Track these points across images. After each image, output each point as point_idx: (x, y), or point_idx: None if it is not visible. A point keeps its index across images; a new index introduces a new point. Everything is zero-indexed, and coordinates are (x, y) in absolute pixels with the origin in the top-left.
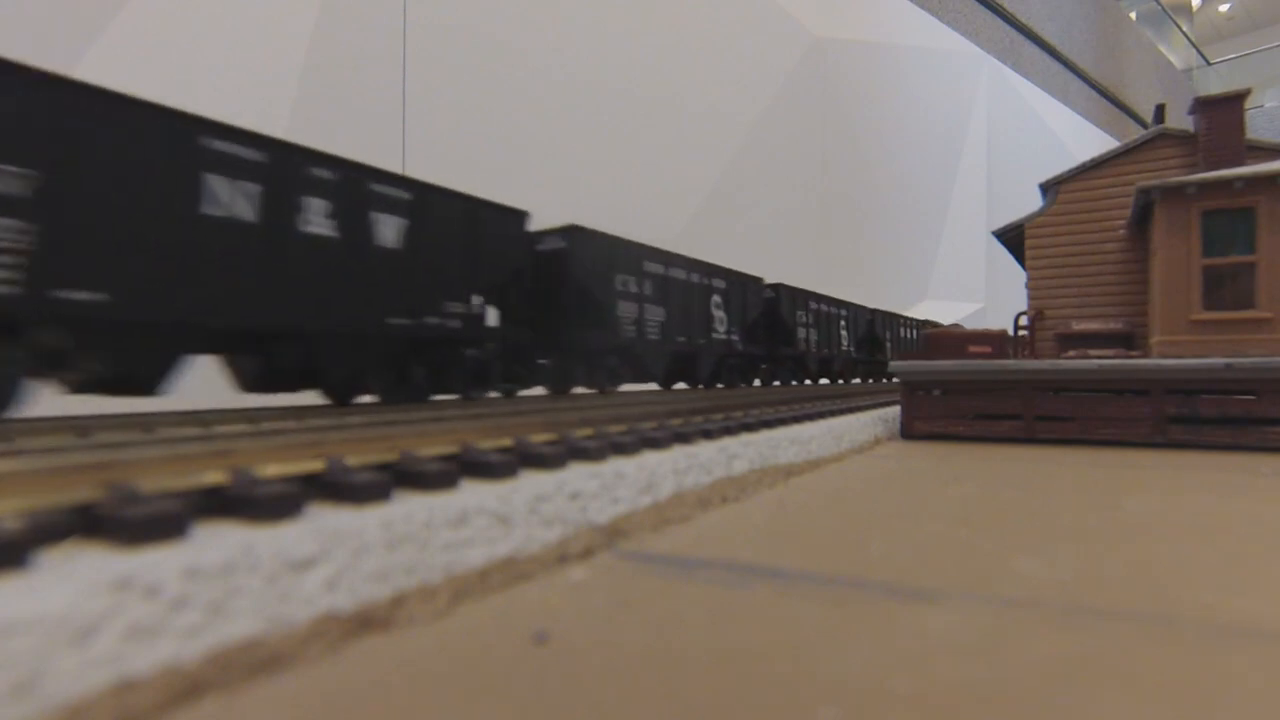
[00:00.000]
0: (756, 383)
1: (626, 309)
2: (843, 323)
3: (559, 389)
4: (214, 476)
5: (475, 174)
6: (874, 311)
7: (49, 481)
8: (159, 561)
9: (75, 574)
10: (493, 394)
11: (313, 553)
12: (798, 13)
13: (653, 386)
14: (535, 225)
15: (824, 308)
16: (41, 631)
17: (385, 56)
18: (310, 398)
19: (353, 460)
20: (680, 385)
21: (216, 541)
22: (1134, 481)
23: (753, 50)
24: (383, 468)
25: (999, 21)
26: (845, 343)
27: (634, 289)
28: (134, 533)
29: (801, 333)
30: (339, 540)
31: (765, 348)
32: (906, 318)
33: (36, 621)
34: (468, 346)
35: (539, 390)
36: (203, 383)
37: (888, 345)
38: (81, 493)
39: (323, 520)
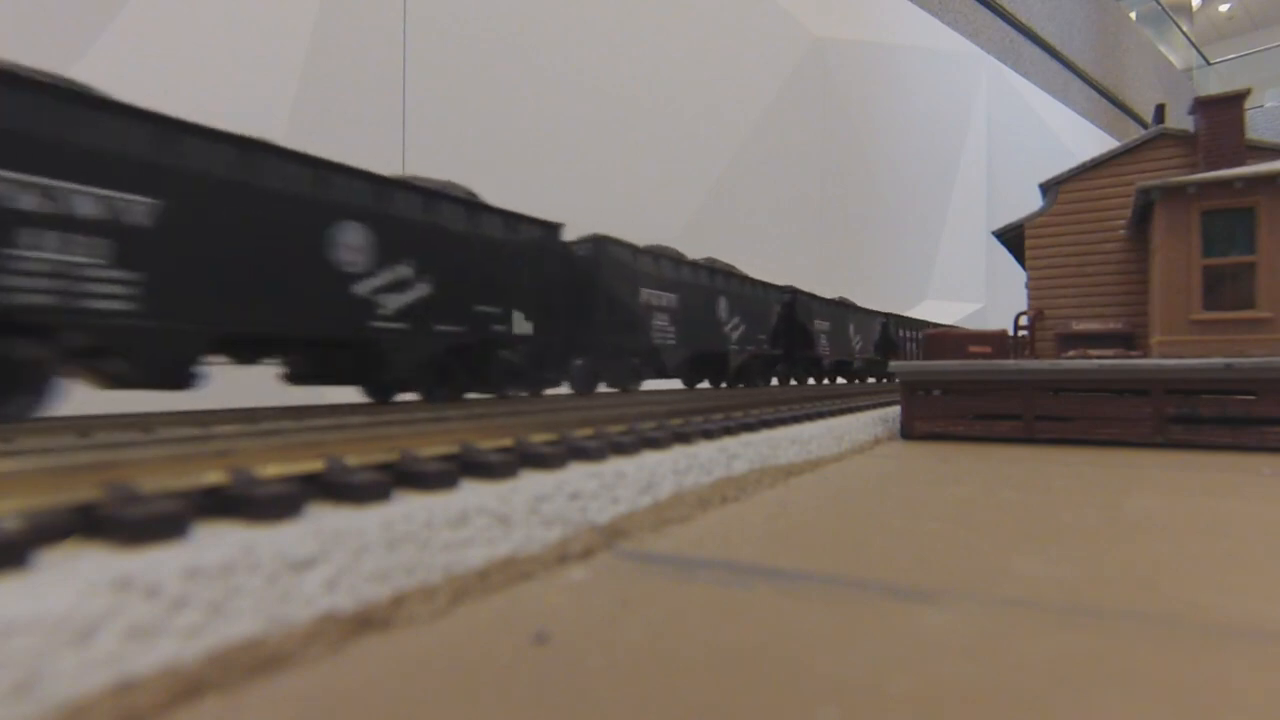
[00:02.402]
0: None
1: None
2: (722, 305)
3: None
4: (214, 476)
5: (476, 174)
6: (797, 294)
7: (49, 481)
8: (159, 561)
9: (76, 574)
10: None
11: (313, 553)
12: (798, 13)
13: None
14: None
15: (691, 281)
16: (42, 631)
17: (385, 56)
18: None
19: (353, 460)
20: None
21: (216, 541)
22: (1134, 481)
23: (753, 50)
24: (383, 468)
25: (999, 21)
26: (729, 332)
27: None
28: (134, 533)
29: (662, 319)
30: (339, 540)
31: (570, 332)
32: (852, 305)
33: (37, 621)
34: None
35: None
36: None
37: (820, 339)
38: (81, 493)
39: (323, 520)
